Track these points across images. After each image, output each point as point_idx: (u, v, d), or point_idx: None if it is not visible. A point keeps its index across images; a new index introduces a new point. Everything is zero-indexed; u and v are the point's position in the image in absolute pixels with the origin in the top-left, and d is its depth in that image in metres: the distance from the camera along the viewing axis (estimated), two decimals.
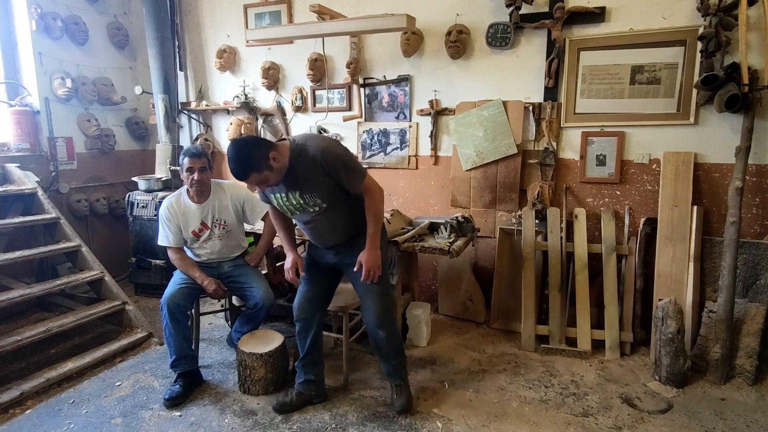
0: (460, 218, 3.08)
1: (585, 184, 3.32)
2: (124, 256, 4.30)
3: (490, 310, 3.50)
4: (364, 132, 3.91)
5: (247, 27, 4.12)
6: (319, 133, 3.70)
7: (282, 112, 4.14)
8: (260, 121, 4.25)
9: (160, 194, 3.98)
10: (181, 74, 4.44)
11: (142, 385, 2.77)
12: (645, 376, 2.82)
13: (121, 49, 4.50)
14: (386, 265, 2.41)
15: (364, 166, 2.32)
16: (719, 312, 2.76)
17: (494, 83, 3.43)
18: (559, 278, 3.19)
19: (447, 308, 3.69)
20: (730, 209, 2.80)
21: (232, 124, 4.19)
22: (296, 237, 2.65)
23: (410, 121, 3.75)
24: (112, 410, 2.55)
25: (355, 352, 3.06)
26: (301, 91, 4.04)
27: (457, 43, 3.37)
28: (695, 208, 2.96)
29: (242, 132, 4.16)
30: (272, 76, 4.06)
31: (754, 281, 2.88)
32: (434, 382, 2.78)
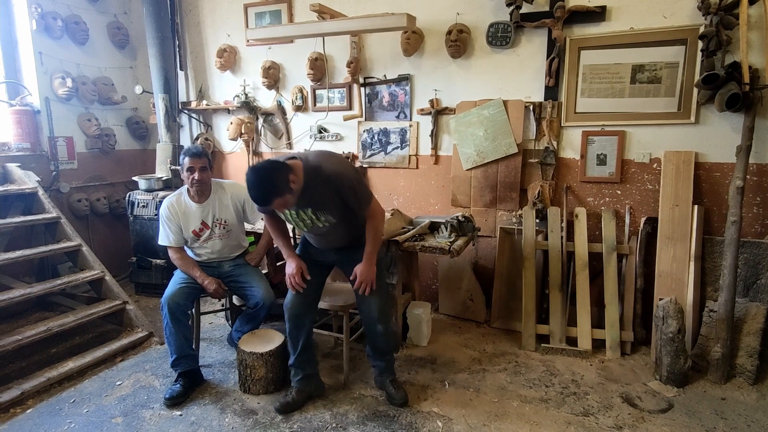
0: (460, 218, 3.08)
1: (585, 184, 3.32)
2: (125, 256, 4.30)
3: (491, 310, 3.50)
4: (364, 131, 3.91)
5: (248, 26, 4.12)
6: (331, 153, 3.48)
7: (282, 112, 4.14)
8: (261, 120, 4.25)
9: (161, 194, 3.98)
10: (181, 74, 4.44)
11: (143, 385, 2.78)
12: (645, 376, 2.82)
13: (121, 49, 4.49)
14: (384, 263, 2.44)
15: (369, 190, 2.40)
16: (720, 311, 2.76)
17: (495, 82, 3.43)
18: (559, 278, 3.19)
19: (447, 308, 3.69)
20: (731, 208, 2.80)
21: (232, 123, 4.19)
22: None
23: (411, 120, 3.75)
24: (112, 409, 2.55)
25: (356, 352, 3.06)
26: (301, 91, 4.03)
27: (458, 43, 3.37)
28: (696, 207, 2.96)
29: (242, 131, 4.16)
30: (272, 76, 4.06)
31: (755, 281, 2.87)
32: (435, 381, 2.78)
